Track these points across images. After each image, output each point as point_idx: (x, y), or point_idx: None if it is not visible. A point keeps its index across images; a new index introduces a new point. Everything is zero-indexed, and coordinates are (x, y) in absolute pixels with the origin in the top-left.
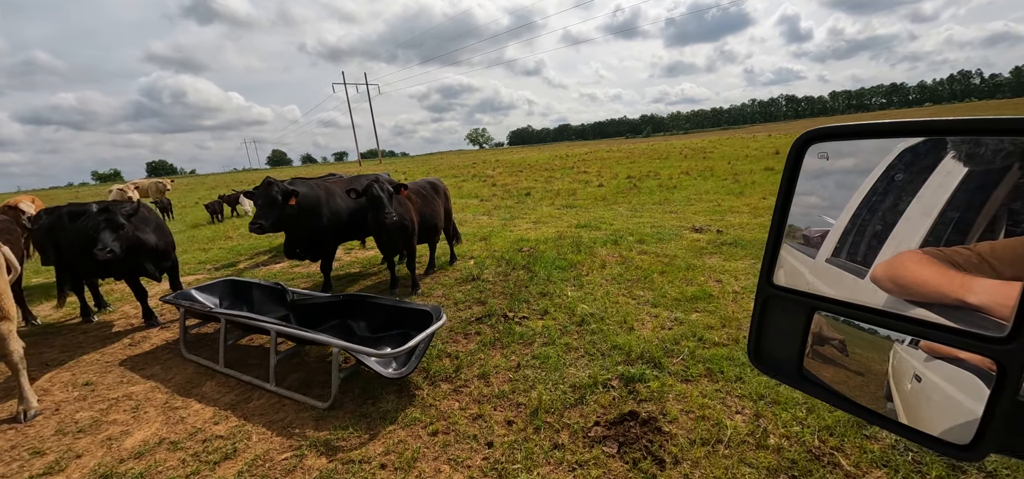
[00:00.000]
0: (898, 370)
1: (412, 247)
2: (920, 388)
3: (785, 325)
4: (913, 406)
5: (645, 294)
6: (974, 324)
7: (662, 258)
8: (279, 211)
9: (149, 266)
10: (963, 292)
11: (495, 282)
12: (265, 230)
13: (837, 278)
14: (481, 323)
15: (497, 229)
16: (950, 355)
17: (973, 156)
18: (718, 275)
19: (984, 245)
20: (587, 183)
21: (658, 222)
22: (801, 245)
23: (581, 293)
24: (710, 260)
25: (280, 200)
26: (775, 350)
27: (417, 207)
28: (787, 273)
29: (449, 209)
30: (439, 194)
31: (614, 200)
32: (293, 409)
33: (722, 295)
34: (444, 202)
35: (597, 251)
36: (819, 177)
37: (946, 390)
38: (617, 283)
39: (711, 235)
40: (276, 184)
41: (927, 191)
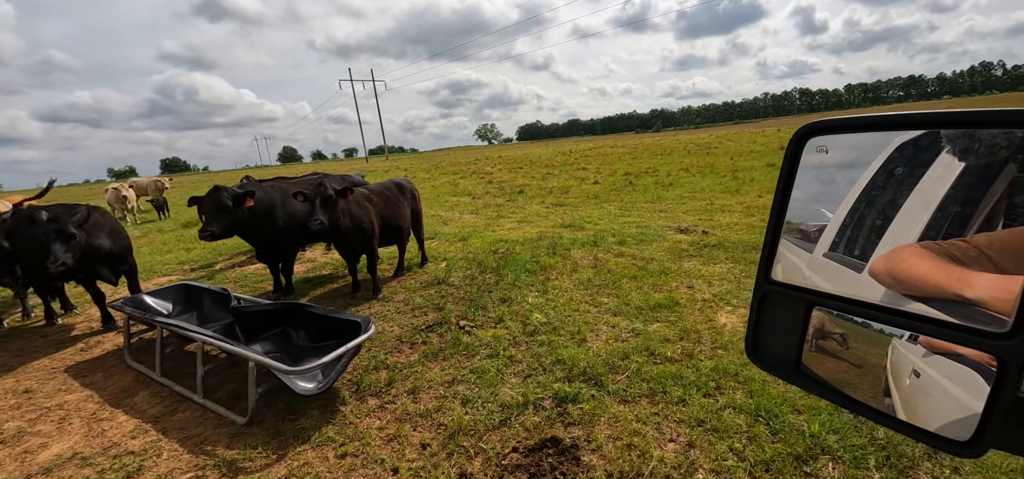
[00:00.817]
0: (896, 365)
1: (372, 250)
2: (919, 384)
3: (783, 321)
4: (912, 402)
5: (609, 301)
6: (973, 319)
7: (638, 261)
8: (231, 216)
9: (104, 271)
10: (961, 286)
11: (459, 286)
12: (216, 237)
13: (835, 273)
14: (431, 331)
15: (480, 229)
16: (949, 350)
17: (971, 149)
18: (691, 280)
19: (982, 238)
20: (583, 180)
21: (645, 222)
22: (799, 240)
23: (543, 300)
24: (688, 263)
25: (230, 205)
26: (773, 346)
27: (378, 209)
28: (785, 268)
29: (417, 210)
30: (405, 195)
31: (606, 198)
32: (215, 423)
33: (689, 304)
34: (410, 203)
35: (572, 253)
36: (817, 171)
37: (945, 386)
38: (584, 289)
39: (696, 236)
40: (225, 190)
41: (925, 184)
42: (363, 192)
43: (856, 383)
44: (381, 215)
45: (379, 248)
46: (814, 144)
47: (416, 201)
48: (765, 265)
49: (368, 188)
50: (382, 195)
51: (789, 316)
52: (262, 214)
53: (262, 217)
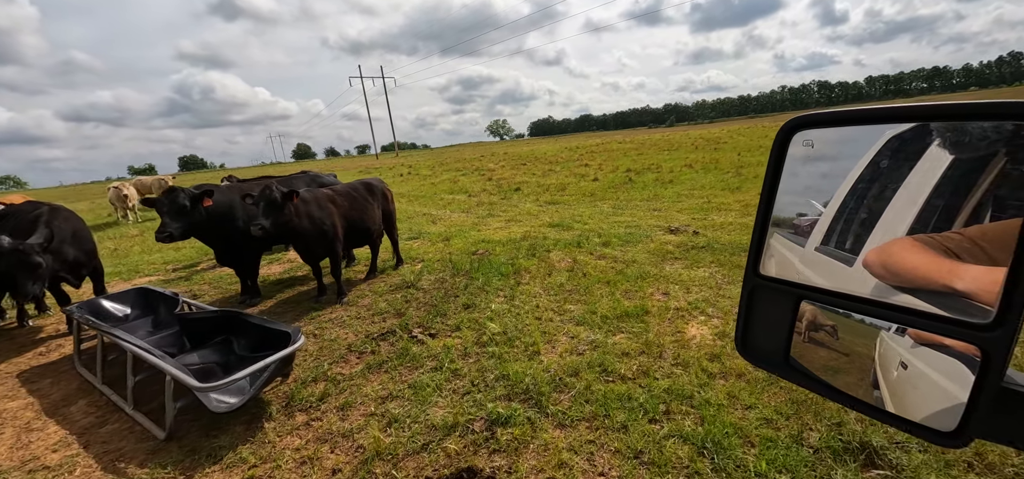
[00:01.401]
0: (884, 358)
1: (334, 252)
2: (906, 376)
3: (771, 315)
4: (899, 394)
5: (575, 309)
6: (960, 311)
7: (618, 264)
8: (188, 217)
9: (66, 276)
10: (951, 278)
11: (428, 290)
12: (174, 238)
13: (826, 266)
14: (383, 340)
15: (466, 229)
16: (935, 342)
17: (960, 141)
18: (669, 286)
19: (975, 230)
20: (583, 177)
21: (636, 221)
22: (791, 234)
23: (507, 306)
24: (670, 267)
25: (188, 206)
26: (762, 340)
27: (342, 211)
28: (778, 263)
29: (389, 211)
30: (374, 196)
31: (603, 196)
32: (139, 437)
33: (659, 313)
34: (381, 204)
35: (551, 256)
36: (806, 165)
37: (932, 377)
38: (553, 294)
39: (685, 237)
40: (182, 190)
41: (915, 177)
42: (326, 193)
43: (845, 376)
44: (345, 217)
45: (347, 250)
46: (801, 138)
47: (388, 202)
48: (753, 259)
49: (332, 189)
50: (347, 196)
51: (777, 310)
52: (221, 216)
53: (221, 219)
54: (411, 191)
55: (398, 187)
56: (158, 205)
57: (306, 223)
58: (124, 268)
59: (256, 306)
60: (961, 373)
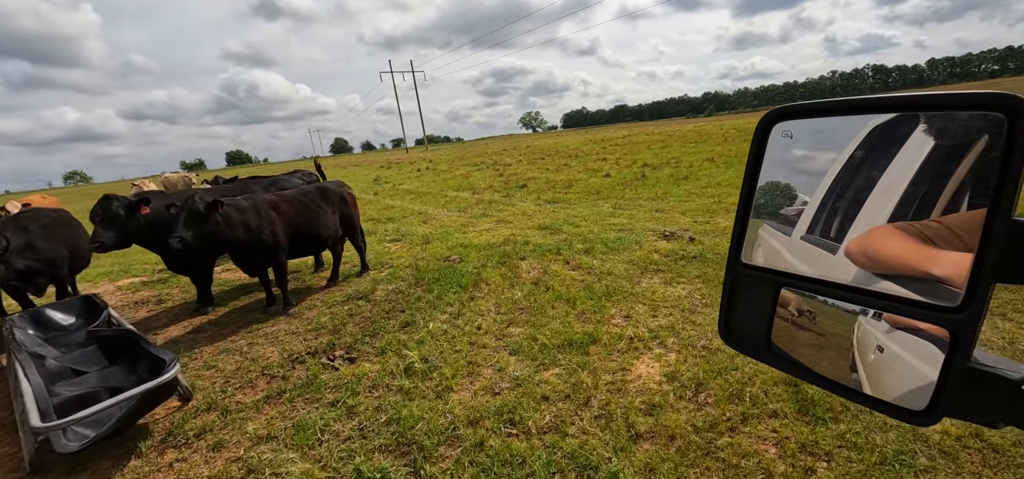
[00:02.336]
0: (862, 342)
1: (277, 263)
2: (882, 359)
3: (753, 302)
4: (875, 376)
5: (518, 333)
6: (931, 294)
7: (590, 277)
8: (123, 225)
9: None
10: (929, 264)
11: (377, 303)
12: (107, 248)
13: (811, 254)
14: (299, 363)
15: (452, 231)
16: (909, 326)
17: (939, 131)
18: (636, 307)
19: (953, 218)
20: (596, 173)
21: (631, 224)
22: (779, 224)
23: (448, 326)
24: (647, 282)
25: (122, 215)
26: (744, 326)
27: (287, 218)
28: (765, 252)
29: (350, 215)
30: (329, 201)
31: (609, 194)
32: (10, 467)
33: (609, 343)
34: (338, 209)
35: (524, 264)
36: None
37: (905, 359)
38: (502, 313)
39: (678, 244)
40: (116, 198)
41: (895, 167)
42: (268, 200)
43: (824, 360)
44: (292, 224)
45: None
46: (780, 129)
47: (347, 206)
48: (735, 248)
49: (278, 195)
50: (295, 202)
51: (759, 297)
52: (163, 224)
53: (163, 226)
54: (419, 187)
55: (412, 182)
56: (92, 215)
57: (241, 233)
58: (116, 267)
59: (207, 314)
60: (932, 354)
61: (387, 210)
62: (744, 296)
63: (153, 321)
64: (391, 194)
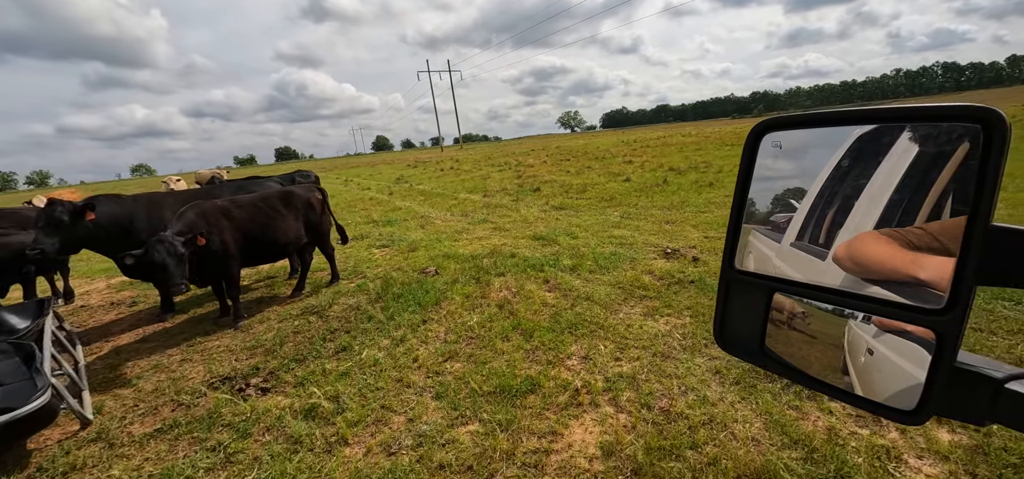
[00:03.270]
0: (852, 345)
1: (226, 272)
2: (872, 361)
3: (746, 307)
4: (866, 378)
5: (455, 370)
6: (918, 298)
7: (565, 301)
8: (67, 232)
9: None
10: (915, 269)
11: (330, 320)
12: (49, 255)
13: (800, 261)
14: (213, 390)
15: (443, 238)
16: (897, 328)
17: (920, 141)
18: (602, 344)
19: (935, 225)
20: (616, 176)
21: (632, 238)
22: (769, 231)
23: (383, 355)
24: (627, 311)
25: (66, 220)
26: (738, 331)
27: (238, 224)
28: (756, 258)
29: (316, 221)
30: (291, 207)
31: (622, 201)
32: None
33: (554, 392)
34: (302, 215)
35: (499, 282)
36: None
37: (894, 361)
38: (449, 342)
39: (678, 264)
40: (60, 204)
41: (879, 176)
42: (218, 205)
43: (816, 363)
44: (242, 231)
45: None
46: (769, 140)
47: (314, 212)
48: (729, 255)
49: (231, 200)
50: (250, 207)
51: (752, 302)
52: (118, 229)
53: (119, 233)
54: (435, 188)
55: (430, 183)
56: (35, 220)
57: None
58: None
59: (165, 321)
60: (920, 355)
61: (393, 212)
62: (738, 301)
63: (114, 326)
64: (404, 195)
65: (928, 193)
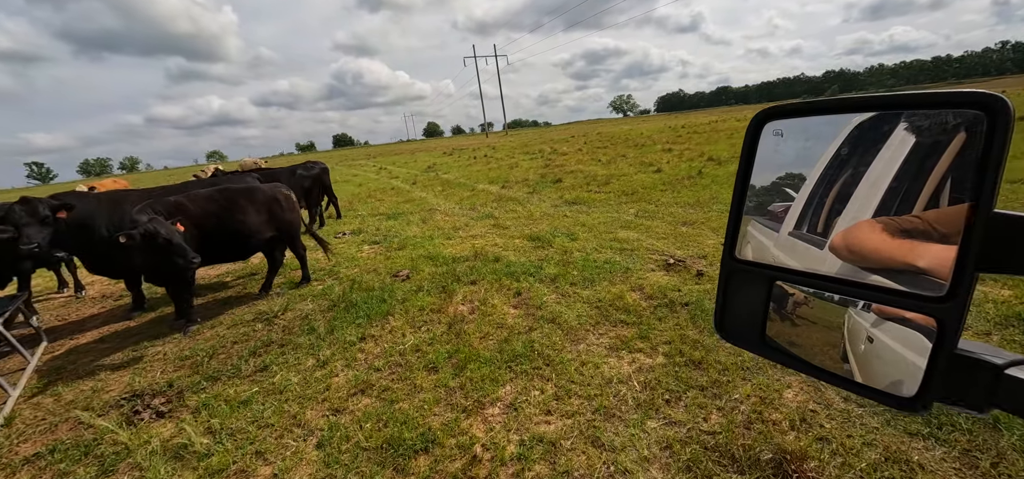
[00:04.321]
0: (853, 333)
1: (177, 275)
2: (872, 349)
3: (747, 296)
4: (866, 365)
5: (358, 410)
6: (918, 286)
7: (525, 321)
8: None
9: None
10: (913, 257)
11: (274, 328)
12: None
13: (799, 250)
14: (115, 409)
15: (436, 236)
16: (897, 316)
17: (919, 128)
18: (542, 386)
19: (932, 213)
20: (648, 166)
21: (637, 242)
22: (767, 220)
23: (299, 379)
24: (591, 342)
25: (49, 217)
26: (738, 321)
27: (195, 221)
28: (754, 248)
29: (285, 220)
30: (254, 203)
31: (644, 195)
32: None
33: (445, 459)
34: (269, 213)
35: (462, 293)
36: (778, 154)
37: (895, 349)
38: (373, 369)
39: (680, 279)
40: (40, 201)
41: (878, 164)
42: (175, 201)
43: (817, 351)
44: (199, 228)
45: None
46: (771, 128)
47: (281, 209)
48: (729, 244)
49: (187, 196)
50: (209, 203)
51: (753, 292)
52: (86, 227)
53: (91, 232)
54: (457, 178)
55: (457, 171)
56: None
57: None
58: None
59: (130, 321)
60: (920, 343)
61: (405, 203)
62: (738, 291)
63: (89, 322)
64: (426, 184)
65: (926, 181)
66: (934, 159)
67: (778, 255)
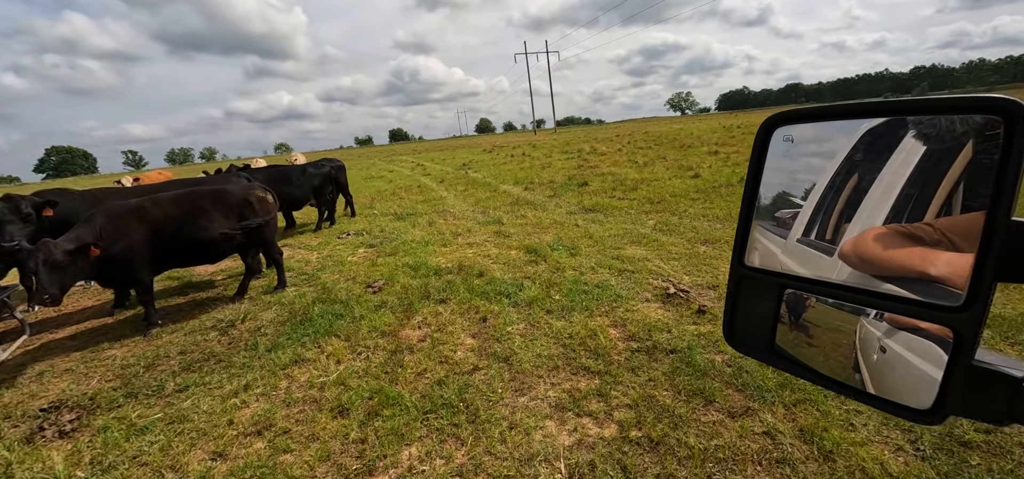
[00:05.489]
0: (865, 342)
1: (135, 277)
2: (885, 359)
3: (757, 304)
4: (879, 376)
5: (243, 456)
6: (933, 295)
7: (474, 357)
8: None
9: None
10: (925, 265)
11: (227, 338)
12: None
13: (807, 257)
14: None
15: (432, 242)
16: (911, 326)
17: (931, 134)
18: (457, 453)
19: (944, 221)
20: (686, 171)
21: (642, 263)
22: (774, 227)
23: (206, 405)
24: (542, 394)
25: (32, 214)
26: (748, 329)
27: (153, 225)
28: (761, 255)
29: (257, 224)
30: (224, 208)
31: (672, 203)
32: None
33: None
34: (236, 215)
35: (422, 312)
36: (787, 160)
37: (909, 359)
38: (281, 405)
39: (675, 315)
40: (23, 199)
41: (889, 170)
42: (133, 205)
43: (827, 361)
44: (156, 232)
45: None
46: (780, 134)
47: (253, 213)
48: (739, 251)
49: (151, 198)
50: (172, 206)
51: (762, 299)
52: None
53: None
54: (485, 177)
55: (490, 169)
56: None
57: None
58: None
59: (111, 317)
60: (935, 354)
61: (422, 202)
62: (748, 299)
63: (75, 316)
64: (452, 183)
65: (938, 188)
66: (947, 165)
67: (786, 262)
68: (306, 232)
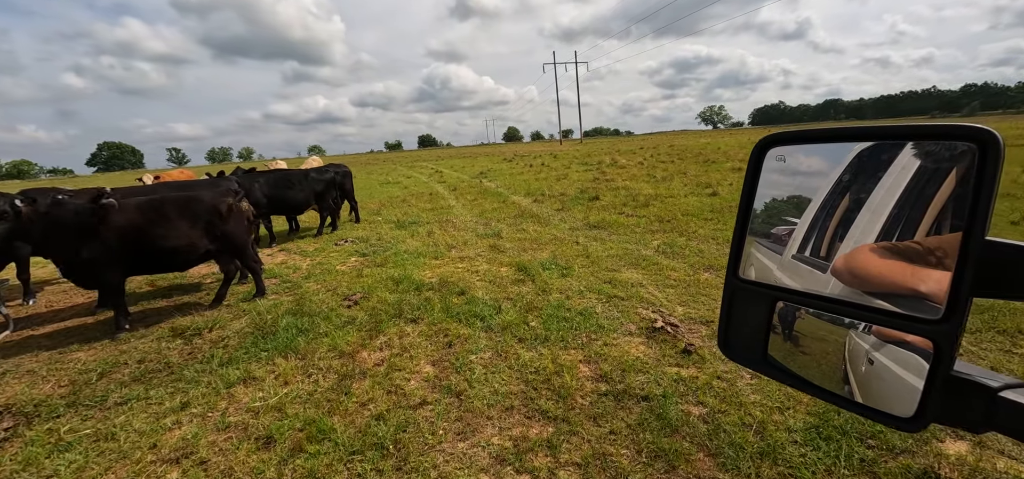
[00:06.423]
0: (853, 354)
1: (103, 279)
2: (872, 370)
3: (750, 315)
4: (866, 386)
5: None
6: (916, 309)
7: (425, 389)
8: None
9: None
10: (915, 281)
11: (188, 347)
12: None
13: (802, 272)
14: None
15: (424, 254)
16: (897, 338)
17: (921, 158)
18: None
19: (933, 239)
20: (705, 188)
21: (635, 289)
22: (770, 243)
23: (137, 425)
24: (489, 439)
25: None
26: (741, 339)
27: (119, 231)
28: (757, 270)
29: (226, 231)
30: (193, 214)
31: (680, 224)
32: None
33: None
34: (205, 223)
35: (388, 333)
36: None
37: (894, 370)
38: (212, 429)
39: (658, 353)
40: (2, 197)
41: (879, 191)
42: (107, 205)
43: (818, 372)
44: (123, 236)
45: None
46: (774, 155)
47: (221, 220)
48: (733, 264)
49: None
50: (137, 213)
51: (755, 310)
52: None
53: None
54: (498, 187)
55: (505, 179)
56: None
57: (58, 242)
58: None
59: (94, 315)
60: (918, 364)
61: (428, 210)
62: (741, 310)
63: (64, 312)
64: (465, 191)
65: (927, 209)
66: (934, 188)
67: (781, 277)
68: (307, 237)
